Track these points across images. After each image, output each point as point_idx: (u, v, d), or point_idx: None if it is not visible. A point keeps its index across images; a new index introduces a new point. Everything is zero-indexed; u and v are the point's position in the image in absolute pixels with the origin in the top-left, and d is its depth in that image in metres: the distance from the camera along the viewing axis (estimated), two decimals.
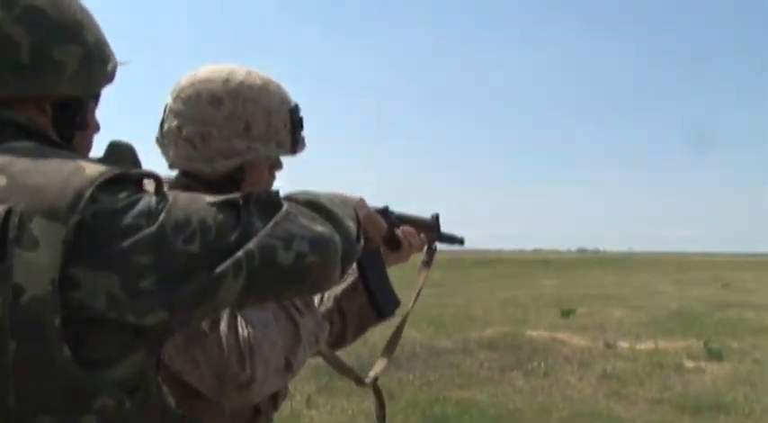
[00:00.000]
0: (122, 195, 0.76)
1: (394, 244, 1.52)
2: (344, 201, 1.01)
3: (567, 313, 11.79)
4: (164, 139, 1.29)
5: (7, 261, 0.68)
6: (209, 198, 0.81)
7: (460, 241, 1.75)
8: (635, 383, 6.57)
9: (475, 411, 5.40)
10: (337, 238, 0.90)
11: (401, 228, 1.53)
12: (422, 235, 1.59)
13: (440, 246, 1.70)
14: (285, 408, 1.25)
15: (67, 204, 0.71)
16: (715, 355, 7.83)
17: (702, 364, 7.56)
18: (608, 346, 8.67)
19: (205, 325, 1.10)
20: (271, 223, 0.82)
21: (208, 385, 1.12)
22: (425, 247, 1.64)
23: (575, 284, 22.26)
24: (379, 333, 1.67)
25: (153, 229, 0.74)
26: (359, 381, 1.52)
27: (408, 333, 1.69)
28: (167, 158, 1.30)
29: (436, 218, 1.65)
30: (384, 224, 1.35)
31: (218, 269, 0.76)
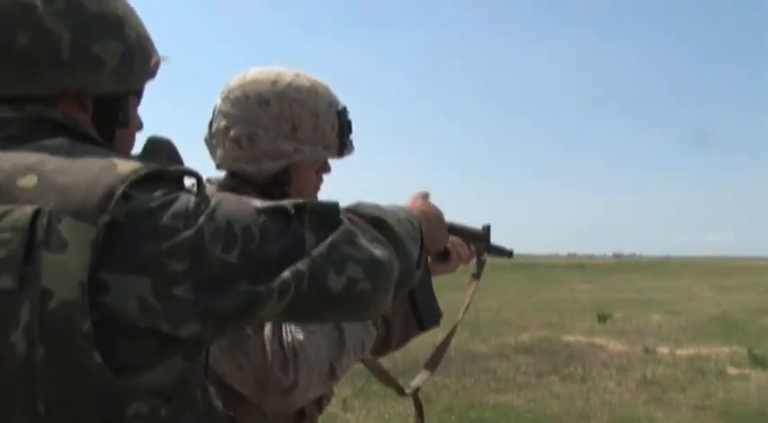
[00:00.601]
0: (158, 193, 0.72)
1: (443, 255, 1.49)
2: (410, 217, 0.95)
3: (603, 318, 11.62)
4: (212, 140, 1.30)
5: (35, 264, 0.66)
6: (258, 203, 0.77)
7: (509, 254, 1.70)
8: (676, 389, 6.44)
9: (512, 416, 5.35)
10: (396, 264, 0.85)
11: (450, 238, 1.47)
12: (471, 246, 1.56)
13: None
14: None
15: (97, 203, 0.68)
16: (759, 362, 7.63)
17: (746, 370, 7.37)
18: (647, 351, 8.51)
19: (249, 328, 1.09)
20: (326, 242, 0.77)
21: (249, 389, 1.12)
22: (474, 259, 1.60)
23: (611, 289, 21.92)
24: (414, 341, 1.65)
25: (190, 232, 0.70)
26: (400, 391, 1.51)
27: (441, 337, 1.68)
28: (215, 159, 1.31)
29: (487, 229, 1.61)
30: (447, 238, 1.31)
31: (263, 286, 0.72)
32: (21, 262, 0.66)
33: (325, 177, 1.38)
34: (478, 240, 1.58)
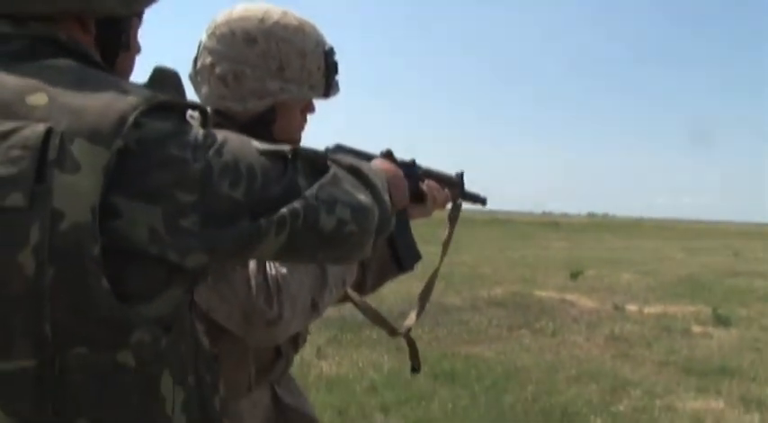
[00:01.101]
0: (168, 123, 0.72)
1: (419, 197, 1.52)
2: (378, 172, 0.98)
3: (575, 275, 11.82)
4: (197, 76, 1.28)
5: (47, 183, 0.65)
6: (258, 144, 0.79)
7: (483, 201, 1.74)
8: (642, 346, 6.62)
9: (483, 367, 5.47)
10: (376, 209, 0.88)
11: (426, 182, 1.52)
12: (446, 191, 1.58)
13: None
14: (295, 358, 1.31)
15: (111, 128, 0.67)
16: (723, 321, 7.86)
17: (710, 329, 7.59)
18: (616, 308, 8.71)
19: None
20: (317, 184, 0.80)
21: (234, 322, 1.13)
22: (450, 204, 1.63)
23: (584, 247, 22.28)
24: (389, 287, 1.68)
25: (200, 166, 0.71)
26: (392, 331, 1.54)
27: (418, 288, 1.71)
28: (199, 96, 1.29)
29: (461, 176, 1.65)
30: (407, 198, 1.35)
31: (263, 221, 0.74)
32: (32, 180, 0.65)
33: (310, 118, 1.37)
34: (453, 186, 1.61)
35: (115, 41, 0.85)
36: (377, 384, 4.84)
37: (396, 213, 1.43)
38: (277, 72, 1.24)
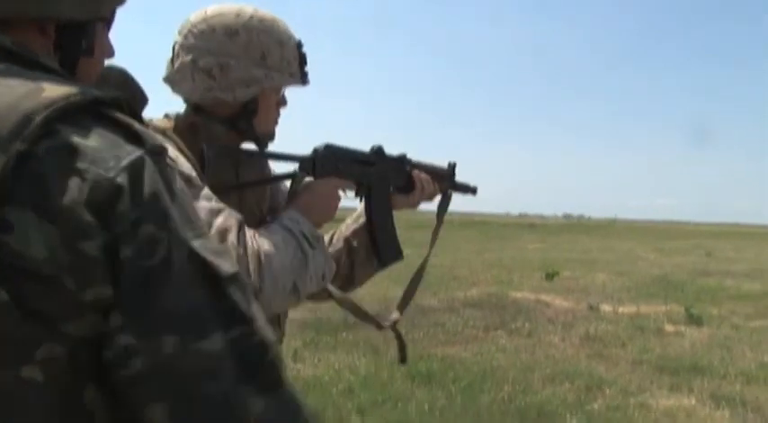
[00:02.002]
0: (89, 131, 0.65)
1: (406, 187, 1.56)
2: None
3: (551, 276, 11.92)
4: (176, 75, 1.32)
5: None
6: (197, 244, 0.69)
7: (474, 191, 1.77)
8: (616, 345, 6.69)
9: (459, 368, 5.49)
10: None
11: (416, 173, 1.57)
12: (436, 184, 1.63)
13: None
14: None
15: (9, 129, 0.61)
16: (695, 320, 7.98)
17: (682, 328, 7.70)
18: (591, 308, 8.79)
19: (213, 237, 1.10)
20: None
21: None
22: (440, 196, 1.68)
23: (559, 249, 22.45)
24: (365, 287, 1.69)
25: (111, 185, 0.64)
26: (378, 325, 1.58)
27: (394, 291, 1.70)
28: (182, 93, 1.34)
29: (452, 167, 1.68)
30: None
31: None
32: None
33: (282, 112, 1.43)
34: (443, 178, 1.65)
35: (75, 47, 0.82)
36: (353, 386, 4.84)
37: (379, 204, 1.50)
38: (260, 61, 1.31)
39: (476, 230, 33.25)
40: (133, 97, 0.76)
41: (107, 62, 0.90)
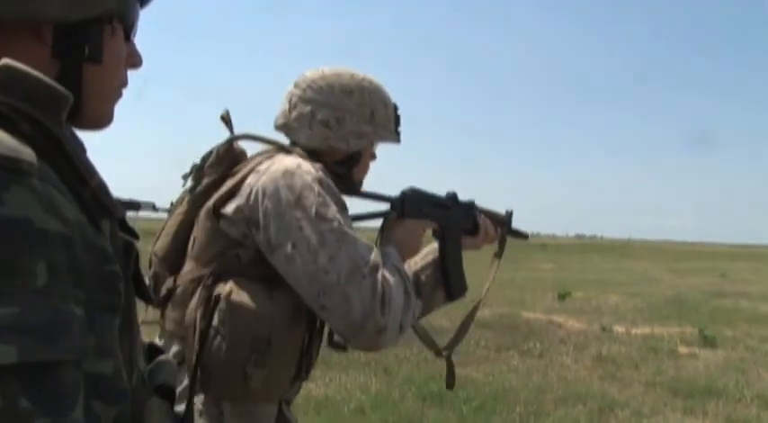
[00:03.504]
0: None
1: (472, 230, 1.73)
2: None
3: (563, 297, 11.86)
4: (294, 123, 1.47)
5: None
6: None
7: (526, 236, 1.96)
8: (629, 366, 6.64)
9: (471, 389, 5.46)
10: None
11: (482, 217, 1.74)
12: (497, 229, 1.80)
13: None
14: None
15: None
16: (709, 342, 7.90)
17: (696, 350, 7.62)
18: (603, 329, 8.73)
19: (366, 268, 1.25)
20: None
21: (347, 323, 1.25)
22: (498, 240, 1.84)
23: (572, 269, 22.33)
24: None
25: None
26: (438, 352, 1.74)
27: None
28: (299, 140, 1.47)
29: (510, 214, 1.86)
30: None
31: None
32: None
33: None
34: (502, 223, 1.84)
35: (76, 53, 0.73)
36: (365, 406, 4.83)
37: (452, 244, 1.67)
38: (370, 118, 1.48)
39: (488, 252, 33.06)
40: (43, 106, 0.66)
41: (133, 73, 0.83)
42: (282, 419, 1.44)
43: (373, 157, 1.57)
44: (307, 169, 1.32)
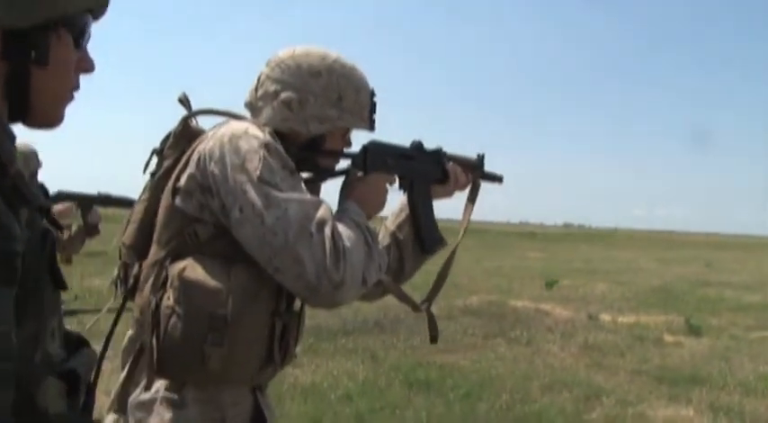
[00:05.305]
0: None
1: (442, 179, 1.69)
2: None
3: (551, 285, 11.91)
4: (258, 102, 1.44)
5: None
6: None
7: (500, 179, 1.89)
8: (615, 355, 6.68)
9: (458, 376, 5.47)
10: None
11: (450, 164, 1.70)
12: (468, 175, 1.75)
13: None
14: None
15: None
16: (694, 331, 7.97)
17: (681, 338, 7.69)
18: (590, 317, 8.78)
19: (313, 226, 1.22)
20: None
21: (303, 282, 1.21)
22: (470, 185, 1.79)
23: (560, 258, 22.46)
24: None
25: None
26: (415, 307, 1.68)
27: (392, 298, 1.72)
28: (261, 119, 1.42)
29: (481, 158, 1.81)
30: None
31: None
32: None
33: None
34: (473, 169, 1.78)
35: (24, 57, 0.77)
36: (351, 393, 4.83)
37: (421, 195, 1.63)
38: (336, 102, 1.43)
39: (476, 239, 33.21)
40: None
41: (85, 77, 0.87)
42: (257, 407, 1.40)
43: (348, 143, 1.51)
44: (254, 133, 1.31)
